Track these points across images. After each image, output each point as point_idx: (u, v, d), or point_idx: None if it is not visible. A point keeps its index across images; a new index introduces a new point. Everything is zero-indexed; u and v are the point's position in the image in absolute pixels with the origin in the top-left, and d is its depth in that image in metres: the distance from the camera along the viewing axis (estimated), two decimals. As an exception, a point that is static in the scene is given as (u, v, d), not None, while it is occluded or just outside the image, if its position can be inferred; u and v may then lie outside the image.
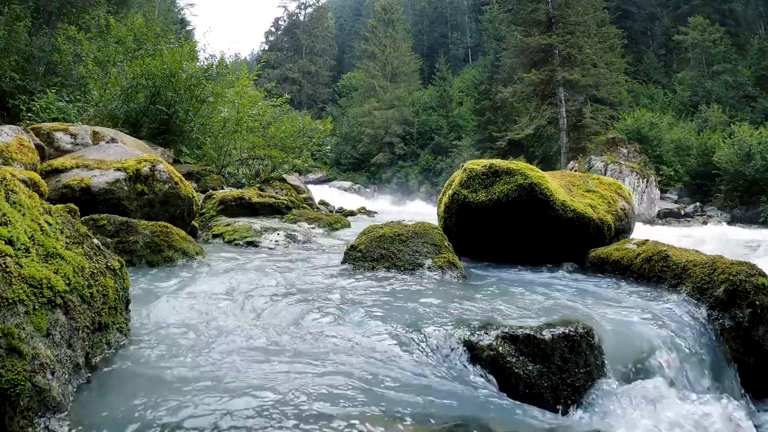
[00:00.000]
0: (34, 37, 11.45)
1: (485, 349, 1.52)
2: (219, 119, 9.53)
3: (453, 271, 2.62)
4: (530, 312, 1.89)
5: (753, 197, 20.24)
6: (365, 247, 2.74)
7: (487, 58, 36.80)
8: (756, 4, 35.13)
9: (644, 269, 2.54)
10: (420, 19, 54.72)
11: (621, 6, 36.47)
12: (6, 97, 9.78)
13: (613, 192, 3.57)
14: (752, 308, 2.00)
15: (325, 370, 1.38)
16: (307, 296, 2.15)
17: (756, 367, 1.96)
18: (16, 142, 3.67)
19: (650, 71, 35.73)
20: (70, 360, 1.18)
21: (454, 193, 3.23)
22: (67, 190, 3.28)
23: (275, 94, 13.84)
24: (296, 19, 54.12)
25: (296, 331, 1.71)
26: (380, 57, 41.38)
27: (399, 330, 1.69)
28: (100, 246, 1.53)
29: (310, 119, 11.08)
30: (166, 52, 8.55)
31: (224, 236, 3.96)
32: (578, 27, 25.76)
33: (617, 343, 1.75)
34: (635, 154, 23.53)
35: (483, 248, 3.29)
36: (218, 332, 1.65)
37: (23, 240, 1.18)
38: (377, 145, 38.68)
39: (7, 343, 0.98)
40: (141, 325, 1.66)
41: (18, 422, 0.96)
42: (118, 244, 2.59)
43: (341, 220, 5.24)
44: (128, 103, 8.62)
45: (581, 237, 3.12)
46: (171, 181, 3.68)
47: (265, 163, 9.09)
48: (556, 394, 1.52)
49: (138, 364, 1.36)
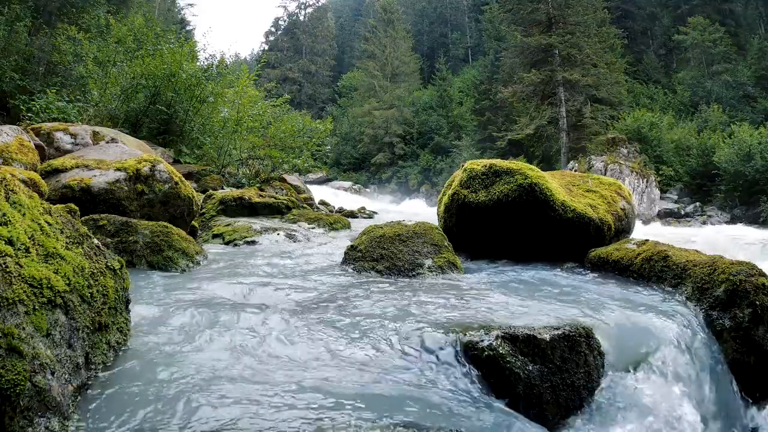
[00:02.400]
0: (34, 37, 11.44)
1: (485, 349, 1.52)
2: (219, 119, 9.52)
3: (453, 271, 2.62)
4: (530, 312, 1.89)
5: (753, 197, 20.23)
6: (365, 247, 2.74)
7: (487, 58, 36.79)
8: (756, 4, 35.10)
9: (644, 269, 2.54)
10: (420, 19, 54.67)
11: (621, 6, 36.42)
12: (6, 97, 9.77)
13: (613, 192, 3.57)
14: (752, 308, 2.00)
15: (320, 373, 1.38)
16: (307, 296, 2.15)
17: (756, 367, 1.96)
18: (16, 142, 3.67)
19: (650, 71, 35.70)
20: (70, 360, 1.18)
21: (454, 193, 3.23)
22: (67, 190, 3.28)
23: (275, 94, 13.83)
24: (296, 19, 54.13)
25: (295, 331, 1.71)
26: (380, 57, 41.36)
27: (396, 330, 1.69)
28: (100, 246, 1.53)
29: (310, 119, 11.07)
30: (166, 52, 8.55)
31: (224, 236, 3.96)
32: (578, 27, 25.74)
33: (617, 343, 1.75)
34: (635, 154, 23.52)
35: (483, 248, 3.28)
36: (218, 332, 1.65)
37: (23, 240, 1.18)
38: (377, 145, 38.67)
39: (7, 343, 0.98)
40: (141, 325, 1.65)
41: (18, 422, 0.96)
42: (118, 244, 2.59)
43: (341, 220, 5.23)
44: (128, 103, 8.62)
45: (581, 237, 3.12)
46: (171, 181, 3.68)
47: (265, 163, 9.08)
48: (556, 395, 1.52)
49: (138, 364, 1.36)
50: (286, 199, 5.81)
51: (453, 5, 54.60)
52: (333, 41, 55.15)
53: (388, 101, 38.94)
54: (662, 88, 33.35)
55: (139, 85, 8.55)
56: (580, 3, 26.35)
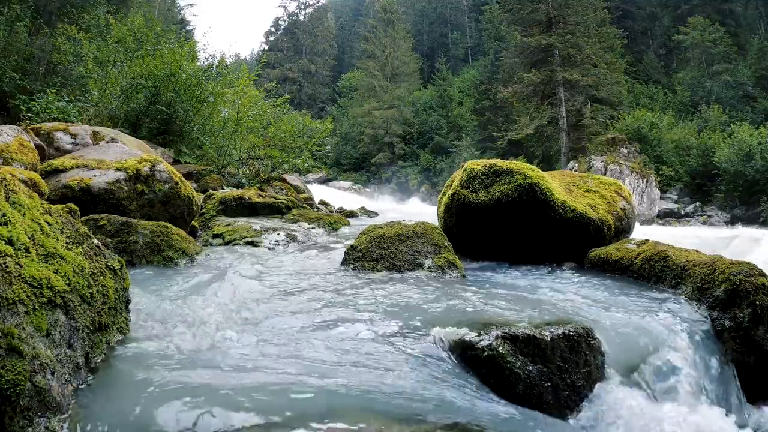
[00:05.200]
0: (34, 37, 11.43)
1: (485, 349, 1.52)
2: (219, 119, 9.52)
3: (453, 271, 2.62)
4: (530, 312, 1.88)
5: (753, 197, 20.24)
6: (365, 247, 2.74)
7: (487, 58, 36.79)
8: (756, 4, 35.10)
9: (644, 269, 2.54)
10: (420, 19, 54.67)
11: (621, 6, 36.42)
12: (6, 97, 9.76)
13: (613, 192, 3.57)
14: (752, 308, 2.00)
15: (319, 371, 1.38)
16: (307, 296, 2.15)
17: (756, 368, 1.96)
18: (16, 142, 3.67)
19: (650, 71, 35.70)
20: (70, 360, 1.18)
21: (454, 193, 3.23)
22: (67, 190, 3.28)
23: (275, 94, 13.82)
24: (296, 19, 54.12)
25: (294, 331, 1.71)
26: (380, 57, 41.36)
27: (397, 330, 1.69)
28: (100, 246, 1.53)
29: (310, 119, 11.06)
30: (166, 52, 8.55)
31: (224, 236, 3.96)
32: (578, 27, 25.75)
33: (617, 343, 1.75)
34: (635, 154, 23.53)
35: (483, 248, 3.28)
36: (218, 332, 1.65)
37: (23, 240, 1.18)
38: (377, 145, 38.67)
39: (7, 343, 0.98)
40: (141, 325, 1.65)
41: (18, 422, 0.96)
42: (118, 244, 2.59)
43: (341, 220, 5.23)
44: (128, 103, 8.61)
45: (581, 237, 3.12)
46: (171, 181, 3.68)
47: (265, 163, 9.08)
48: (556, 394, 1.52)
49: (138, 364, 1.36)
50: (286, 199, 5.81)
51: (453, 5, 54.60)
52: (333, 41, 55.15)
53: (388, 101, 38.93)
54: (662, 88, 33.36)
55: (139, 85, 8.55)
56: (580, 3, 26.35)
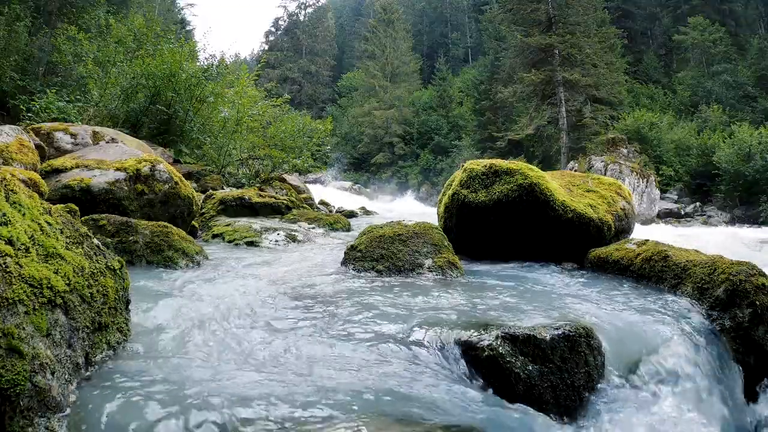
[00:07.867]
0: (34, 37, 11.45)
1: (485, 349, 1.52)
2: (219, 119, 9.52)
3: (453, 271, 2.62)
4: (530, 312, 1.88)
5: (753, 197, 20.25)
6: (365, 247, 2.74)
7: (487, 58, 36.81)
8: (756, 4, 35.12)
9: (644, 269, 2.54)
10: (420, 19, 54.70)
11: (621, 6, 36.45)
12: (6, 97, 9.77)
13: (613, 192, 3.57)
14: (752, 308, 1.99)
15: (318, 372, 1.38)
16: (306, 296, 2.15)
17: (756, 368, 1.96)
18: (16, 142, 3.67)
19: (650, 71, 35.71)
20: (70, 360, 1.18)
21: (454, 193, 3.23)
22: (67, 190, 3.28)
23: (275, 94, 13.83)
24: (296, 19, 54.17)
25: (293, 331, 1.71)
26: (380, 57, 41.38)
27: (397, 330, 1.69)
28: (100, 246, 1.53)
29: (310, 119, 11.07)
30: (166, 52, 8.55)
31: (224, 236, 3.96)
32: (578, 27, 25.76)
33: (617, 343, 1.75)
34: (635, 154, 23.53)
35: (483, 248, 3.28)
36: (218, 332, 1.65)
37: (23, 240, 1.18)
38: (377, 145, 38.70)
39: (7, 343, 0.98)
40: (141, 325, 1.65)
41: (18, 422, 0.96)
42: (118, 244, 2.59)
43: (341, 220, 5.23)
44: (128, 103, 8.61)
45: (581, 237, 3.12)
46: (171, 181, 3.68)
47: (265, 163, 9.08)
48: (556, 394, 1.52)
49: (138, 364, 1.36)
50: (286, 199, 5.81)
51: (453, 5, 54.63)
52: (333, 41, 55.17)
53: (388, 101, 38.95)
54: (662, 88, 33.37)
55: (139, 85, 8.55)
56: (580, 3, 26.36)
